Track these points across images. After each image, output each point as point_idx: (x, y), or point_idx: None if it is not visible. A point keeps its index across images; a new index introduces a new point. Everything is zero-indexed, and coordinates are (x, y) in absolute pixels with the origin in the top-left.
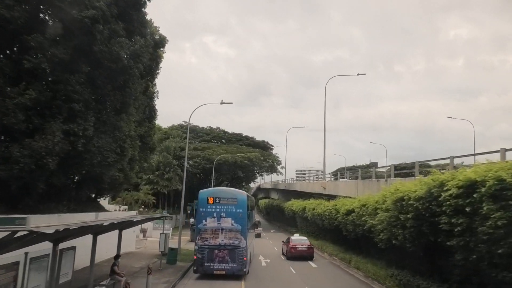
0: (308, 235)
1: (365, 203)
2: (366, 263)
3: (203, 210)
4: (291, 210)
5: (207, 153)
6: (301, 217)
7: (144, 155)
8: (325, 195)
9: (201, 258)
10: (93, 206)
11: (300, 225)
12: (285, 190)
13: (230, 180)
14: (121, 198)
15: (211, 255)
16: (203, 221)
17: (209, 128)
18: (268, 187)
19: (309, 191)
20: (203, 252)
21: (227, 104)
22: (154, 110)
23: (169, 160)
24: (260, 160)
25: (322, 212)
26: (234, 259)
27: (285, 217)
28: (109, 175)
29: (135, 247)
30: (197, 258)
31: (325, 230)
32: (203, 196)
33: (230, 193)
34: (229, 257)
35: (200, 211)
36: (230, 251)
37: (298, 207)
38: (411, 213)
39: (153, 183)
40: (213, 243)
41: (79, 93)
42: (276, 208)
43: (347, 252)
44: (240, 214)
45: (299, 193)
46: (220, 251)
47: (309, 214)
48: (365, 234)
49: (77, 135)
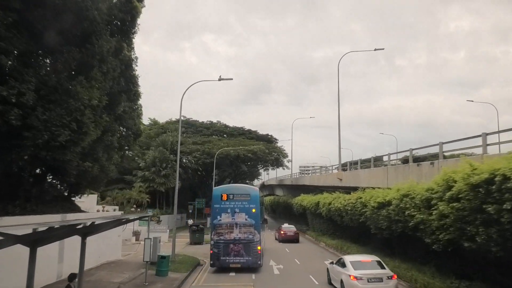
0: (322, 233)
1: (407, 193)
2: (408, 269)
3: (217, 206)
4: (301, 206)
5: (207, 147)
6: (313, 213)
7: (127, 142)
8: (341, 187)
9: (217, 253)
10: (64, 207)
11: (312, 223)
12: (291, 186)
13: (233, 176)
14: (110, 197)
15: (227, 249)
16: (218, 217)
17: (210, 122)
18: (273, 184)
19: (320, 185)
20: (219, 246)
21: (226, 80)
22: (134, 83)
23: (166, 155)
24: (265, 153)
25: (341, 207)
26: (249, 253)
27: (293, 214)
28: (74, 166)
29: (121, 254)
30: (213, 252)
31: (345, 228)
32: (217, 193)
33: (243, 190)
34: (244, 251)
35: (214, 207)
36: (244, 245)
37: (309, 203)
38: (510, 202)
39: (149, 180)
40: (228, 237)
41: (6, 39)
42: (282, 205)
43: (377, 253)
44: (253, 209)
45: (309, 187)
46: (235, 245)
47: (323, 210)
48: (406, 233)
49: (8, 102)
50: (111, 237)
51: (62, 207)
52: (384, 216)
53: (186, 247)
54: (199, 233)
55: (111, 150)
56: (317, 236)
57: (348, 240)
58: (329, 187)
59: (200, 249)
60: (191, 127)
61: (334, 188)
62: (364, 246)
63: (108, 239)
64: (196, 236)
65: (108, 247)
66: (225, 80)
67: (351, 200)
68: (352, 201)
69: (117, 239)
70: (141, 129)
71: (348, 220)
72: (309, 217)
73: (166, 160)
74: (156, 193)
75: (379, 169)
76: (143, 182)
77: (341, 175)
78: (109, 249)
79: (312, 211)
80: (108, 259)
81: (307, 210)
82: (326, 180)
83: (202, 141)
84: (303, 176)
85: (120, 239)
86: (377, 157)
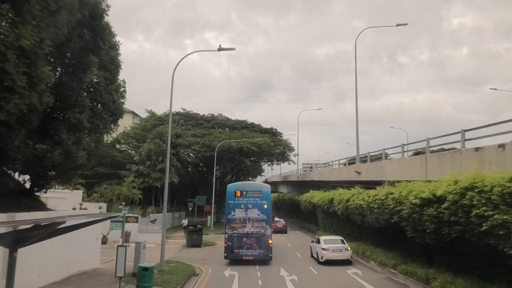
0: (336, 234)
1: (472, 185)
2: (473, 284)
3: (231, 202)
4: (310, 203)
5: (207, 140)
6: (326, 212)
7: (103, 123)
8: (359, 182)
9: (231, 246)
10: (20, 203)
11: (324, 222)
12: (297, 182)
13: (235, 172)
14: (97, 193)
15: (240, 242)
16: (232, 212)
17: (211, 115)
18: (276, 180)
19: (333, 180)
20: (232, 240)
21: (227, 50)
22: (104, 40)
23: (162, 148)
24: (270, 146)
25: (364, 205)
26: (261, 246)
27: (300, 212)
28: (16, 147)
29: (101, 261)
30: (227, 245)
31: (366, 230)
32: (231, 189)
33: (256, 186)
34: (256, 244)
35: (229, 203)
36: (257, 238)
37: (321, 200)
38: None
39: (144, 175)
40: (241, 231)
41: None
42: (288, 202)
43: (411, 262)
44: (265, 205)
45: (317, 183)
46: (248, 239)
47: (339, 208)
48: (467, 239)
49: None
50: (85, 240)
51: (17, 204)
52: (432, 216)
53: (182, 250)
54: (197, 234)
55: (80, 131)
56: None
57: (369, 243)
58: (344, 182)
59: (198, 253)
60: (191, 120)
61: (349, 183)
62: (391, 251)
63: (80, 243)
64: (193, 237)
65: (81, 253)
66: (226, 50)
67: (379, 196)
68: (380, 198)
69: (94, 243)
70: (122, 109)
71: (372, 220)
72: (319, 216)
73: (162, 153)
74: (152, 189)
75: (414, 159)
76: (137, 178)
77: (359, 168)
78: (83, 256)
79: (324, 209)
80: (81, 268)
81: (317, 208)
82: (339, 175)
83: (202, 133)
84: (311, 171)
85: (98, 243)
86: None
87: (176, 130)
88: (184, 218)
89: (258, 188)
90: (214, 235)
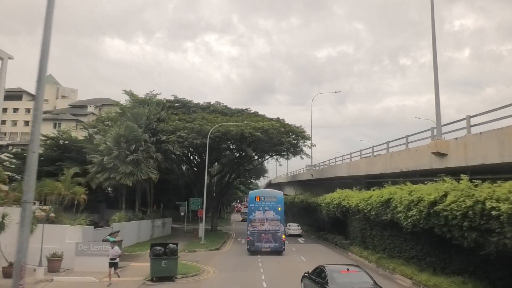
0: (390, 255)
1: None
2: None
3: (252, 205)
4: (338, 207)
5: (197, 124)
6: (371, 220)
7: None
8: (439, 171)
9: (252, 240)
10: None
11: (365, 235)
12: (310, 182)
13: (235, 169)
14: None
15: (259, 237)
16: (253, 213)
17: (207, 103)
18: (282, 182)
19: (375, 172)
20: (253, 235)
21: None
22: None
23: (136, 133)
24: (280, 132)
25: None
26: (276, 240)
27: (318, 218)
28: None
29: None
30: (250, 239)
31: (474, 256)
32: (252, 196)
33: (272, 193)
34: (272, 238)
35: (250, 206)
36: (273, 234)
37: (363, 202)
38: None
39: (109, 169)
40: (260, 229)
41: None
42: (299, 206)
43: None
44: (279, 208)
45: (346, 180)
46: (266, 234)
47: (410, 215)
48: None
49: None
50: None
51: None
52: None
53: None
54: (168, 259)
55: None
56: (381, 260)
57: (482, 281)
58: (400, 174)
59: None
60: (182, 107)
61: (413, 174)
62: None
63: None
64: (161, 265)
65: None
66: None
67: None
68: None
69: None
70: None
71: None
72: (355, 225)
73: (136, 140)
74: (123, 188)
75: None
76: (100, 173)
77: (444, 147)
78: None
79: (371, 215)
80: None
81: (352, 215)
82: (394, 162)
83: (192, 118)
84: (334, 165)
85: None
86: None
87: (160, 113)
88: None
89: (273, 194)
90: (206, 252)
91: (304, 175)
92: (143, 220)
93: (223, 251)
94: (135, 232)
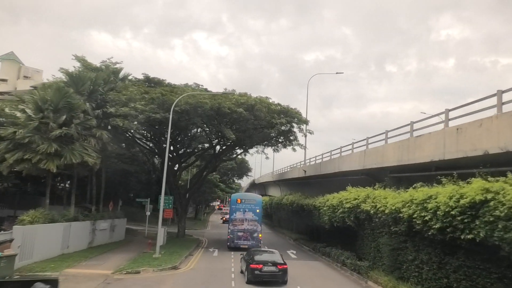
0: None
1: None
2: None
3: (234, 206)
4: (352, 212)
5: (159, 93)
6: (423, 238)
7: None
8: None
9: (232, 237)
10: None
11: (402, 259)
12: (302, 180)
13: (213, 163)
14: None
15: (239, 235)
16: (234, 213)
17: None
18: (267, 181)
19: (414, 162)
20: (233, 233)
21: None
22: None
23: (71, 100)
24: (270, 111)
25: None
26: (253, 238)
27: (314, 225)
28: None
29: None
30: (230, 237)
31: None
32: (234, 198)
33: (252, 196)
34: (250, 237)
35: (232, 207)
36: (251, 233)
37: (406, 207)
38: None
39: (23, 145)
40: (240, 228)
41: None
42: (287, 209)
43: None
44: (257, 209)
45: (354, 176)
46: (244, 233)
47: None
48: None
49: None
50: None
51: None
52: None
53: None
54: None
55: None
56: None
57: None
58: (477, 160)
59: None
60: (154, 85)
61: (504, 160)
62: None
63: None
64: None
65: None
66: None
67: None
68: None
69: None
70: None
71: None
72: (382, 241)
73: (70, 109)
74: (48, 176)
75: None
76: (10, 152)
77: None
78: None
79: (432, 228)
80: None
81: (382, 226)
82: (466, 140)
83: (158, 92)
84: (339, 155)
85: None
86: None
87: (113, 83)
88: None
89: (253, 197)
90: (154, 274)
91: (294, 172)
92: (77, 221)
93: (182, 271)
94: (59, 238)
